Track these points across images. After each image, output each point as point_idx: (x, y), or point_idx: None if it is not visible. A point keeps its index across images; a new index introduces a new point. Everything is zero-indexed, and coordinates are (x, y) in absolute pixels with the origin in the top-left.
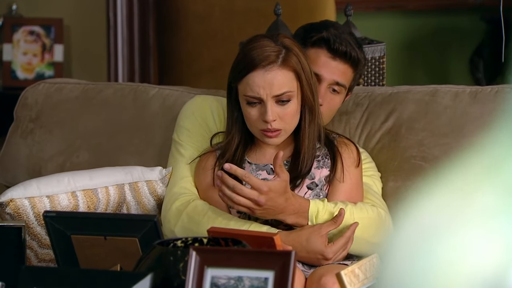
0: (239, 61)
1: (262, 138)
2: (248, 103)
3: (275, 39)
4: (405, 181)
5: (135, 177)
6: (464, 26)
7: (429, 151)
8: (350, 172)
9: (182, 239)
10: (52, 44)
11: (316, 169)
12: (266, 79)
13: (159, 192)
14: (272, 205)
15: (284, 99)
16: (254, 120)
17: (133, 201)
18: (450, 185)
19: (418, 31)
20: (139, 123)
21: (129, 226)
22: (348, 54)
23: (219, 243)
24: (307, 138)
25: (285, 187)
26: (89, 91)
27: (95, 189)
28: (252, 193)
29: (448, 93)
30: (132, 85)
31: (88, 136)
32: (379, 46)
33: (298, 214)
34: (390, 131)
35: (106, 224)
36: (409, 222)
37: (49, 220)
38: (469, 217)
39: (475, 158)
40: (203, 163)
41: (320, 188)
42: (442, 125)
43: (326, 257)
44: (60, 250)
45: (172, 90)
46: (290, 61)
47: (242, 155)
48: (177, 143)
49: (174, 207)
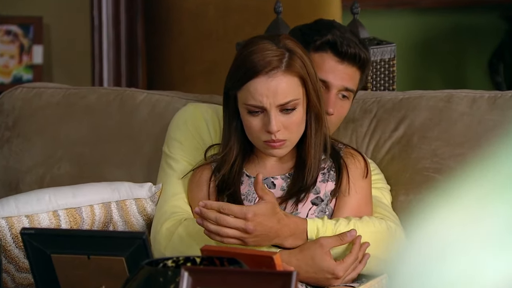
0: (238, 67)
1: (265, 150)
2: (249, 112)
3: (276, 41)
4: (417, 194)
5: (122, 195)
6: (482, 25)
7: (443, 162)
8: (357, 185)
9: (173, 259)
10: (31, 45)
11: (321, 183)
12: (270, 86)
13: (148, 211)
14: (263, 230)
15: (289, 108)
16: (256, 130)
17: (120, 220)
18: (465, 199)
19: (432, 30)
20: (126, 131)
21: (115, 244)
22: (357, 57)
23: (214, 262)
24: (313, 148)
25: (272, 209)
26: (72, 96)
27: (79, 207)
28: (237, 222)
29: (464, 98)
30: (118, 90)
31: (70, 146)
32: (389, 47)
33: (295, 235)
34: (401, 141)
35: (90, 242)
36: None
37: (27, 238)
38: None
39: (493, 170)
40: (197, 178)
41: (325, 203)
42: (458, 134)
43: (336, 275)
44: (39, 271)
45: (163, 95)
46: (294, 65)
47: (240, 168)
48: (167, 156)
49: (164, 228)
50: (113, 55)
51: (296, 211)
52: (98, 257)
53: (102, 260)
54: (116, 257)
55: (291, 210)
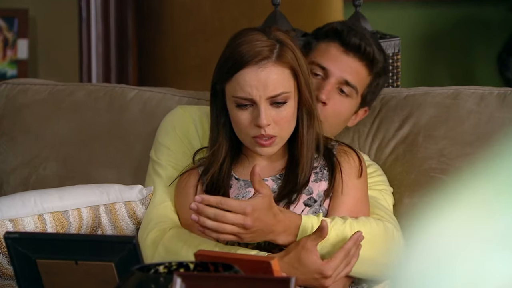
0: (226, 59)
1: (254, 147)
2: (237, 105)
3: (267, 32)
4: (422, 197)
5: (111, 198)
6: (492, 18)
7: (450, 162)
8: (351, 185)
9: (165, 264)
10: (15, 39)
11: (314, 183)
12: (260, 77)
13: (138, 214)
14: (260, 225)
15: (280, 101)
16: (245, 125)
17: (109, 224)
18: (473, 201)
19: (438, 23)
20: (116, 130)
21: (104, 249)
22: (362, 48)
23: (208, 268)
24: (306, 146)
25: (269, 203)
26: (58, 93)
27: (66, 211)
28: (237, 217)
29: (472, 95)
30: (107, 86)
31: (57, 145)
32: (393, 41)
33: (288, 231)
34: (406, 140)
35: (78, 247)
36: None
37: (11, 242)
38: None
39: (502, 171)
40: (183, 184)
41: (319, 204)
42: (466, 133)
43: (325, 274)
44: (23, 277)
45: (154, 92)
46: (286, 56)
47: (228, 169)
48: (155, 162)
49: (149, 238)
50: (102, 50)
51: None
52: (86, 263)
53: (91, 265)
54: (105, 262)
55: None
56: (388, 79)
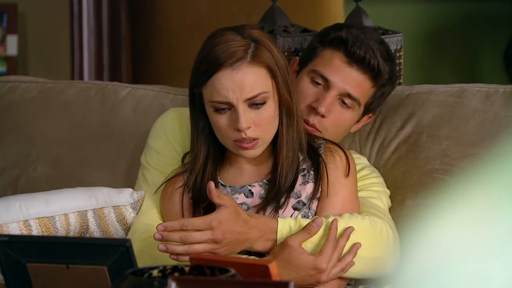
0: (201, 61)
1: (237, 150)
2: (215, 110)
3: (241, 31)
4: (425, 198)
5: (100, 202)
6: (497, 13)
7: (455, 163)
8: (338, 185)
9: (159, 268)
10: (5, 35)
11: (301, 185)
12: (235, 79)
13: (128, 219)
14: (232, 236)
15: (259, 102)
16: (225, 129)
17: (97, 230)
18: (477, 203)
19: (442, 19)
20: (108, 129)
21: (96, 252)
22: (366, 61)
23: (204, 272)
24: (285, 146)
25: (235, 211)
26: (49, 91)
27: (52, 216)
28: (204, 234)
29: (477, 93)
30: (100, 84)
31: (47, 145)
32: (395, 37)
33: (264, 236)
34: (408, 140)
35: (69, 250)
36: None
37: (0, 245)
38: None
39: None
40: (169, 190)
41: (308, 207)
42: (470, 132)
43: (319, 268)
44: (13, 282)
45: (148, 90)
46: (261, 55)
47: (213, 175)
48: (144, 167)
49: (135, 247)
50: (95, 46)
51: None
52: (77, 266)
53: (82, 269)
54: (97, 266)
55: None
56: (395, 86)
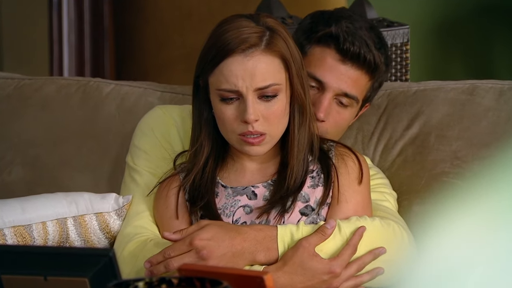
0: (210, 47)
1: (241, 146)
2: (222, 99)
3: (256, 18)
4: (434, 204)
5: (81, 209)
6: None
7: (466, 166)
8: (350, 191)
9: (145, 280)
10: None
11: (310, 189)
12: (246, 67)
13: (113, 227)
14: (223, 249)
15: (269, 94)
16: (231, 121)
17: (78, 239)
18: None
19: (452, 10)
20: (90, 129)
21: (77, 263)
22: (362, 57)
23: (193, 284)
24: (296, 146)
25: (217, 224)
26: (26, 88)
27: (29, 225)
28: (187, 256)
29: (490, 90)
30: (81, 81)
31: (24, 147)
32: (401, 29)
33: (265, 246)
34: (415, 141)
35: (47, 261)
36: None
37: None
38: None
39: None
40: (164, 192)
41: (317, 213)
42: (483, 133)
43: (333, 272)
44: None
45: (133, 86)
46: (276, 44)
47: (212, 174)
48: (131, 168)
49: (126, 251)
50: (75, 39)
51: (282, 223)
52: (56, 278)
53: (62, 281)
54: (78, 278)
55: (275, 222)
56: (391, 69)
